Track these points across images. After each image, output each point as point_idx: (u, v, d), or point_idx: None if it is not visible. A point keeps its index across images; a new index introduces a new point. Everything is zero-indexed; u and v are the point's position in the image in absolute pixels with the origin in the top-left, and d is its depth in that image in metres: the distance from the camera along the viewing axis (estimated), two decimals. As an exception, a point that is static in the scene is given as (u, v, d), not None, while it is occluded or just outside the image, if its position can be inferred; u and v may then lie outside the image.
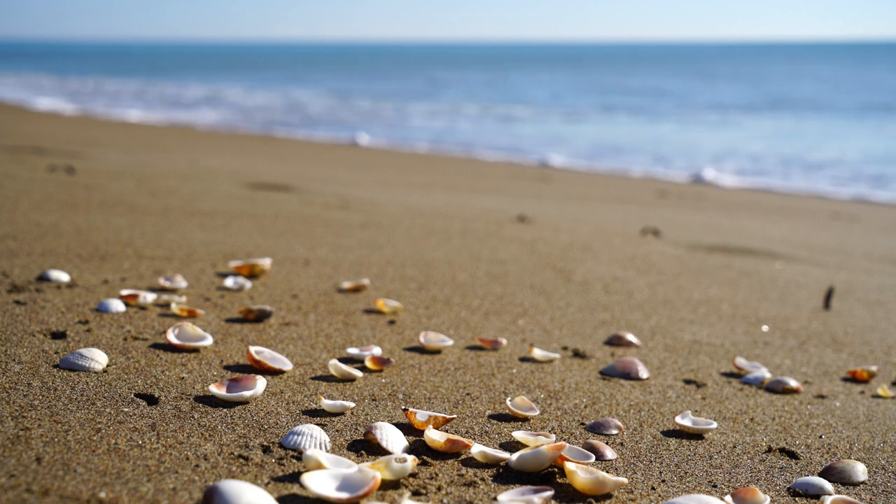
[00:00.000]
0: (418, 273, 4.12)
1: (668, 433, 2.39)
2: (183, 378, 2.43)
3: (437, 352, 2.95)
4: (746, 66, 65.17)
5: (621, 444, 2.28)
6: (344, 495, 1.75)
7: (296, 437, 2.04)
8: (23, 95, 26.83)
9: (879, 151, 17.08)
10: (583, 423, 2.40)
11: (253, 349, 2.58)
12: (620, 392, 2.70)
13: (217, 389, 2.29)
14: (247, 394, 2.28)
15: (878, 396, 2.90)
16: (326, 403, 2.29)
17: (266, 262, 3.78)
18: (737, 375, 2.99)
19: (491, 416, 2.39)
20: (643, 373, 2.87)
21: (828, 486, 2.07)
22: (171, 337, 2.67)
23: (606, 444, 2.24)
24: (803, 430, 2.50)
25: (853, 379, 3.08)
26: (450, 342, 3.00)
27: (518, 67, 64.35)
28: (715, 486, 2.06)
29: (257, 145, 13.66)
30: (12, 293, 3.12)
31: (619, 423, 2.38)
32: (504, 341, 3.07)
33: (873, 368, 3.09)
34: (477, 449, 2.06)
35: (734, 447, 2.33)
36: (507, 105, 28.44)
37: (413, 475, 1.94)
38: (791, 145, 17.89)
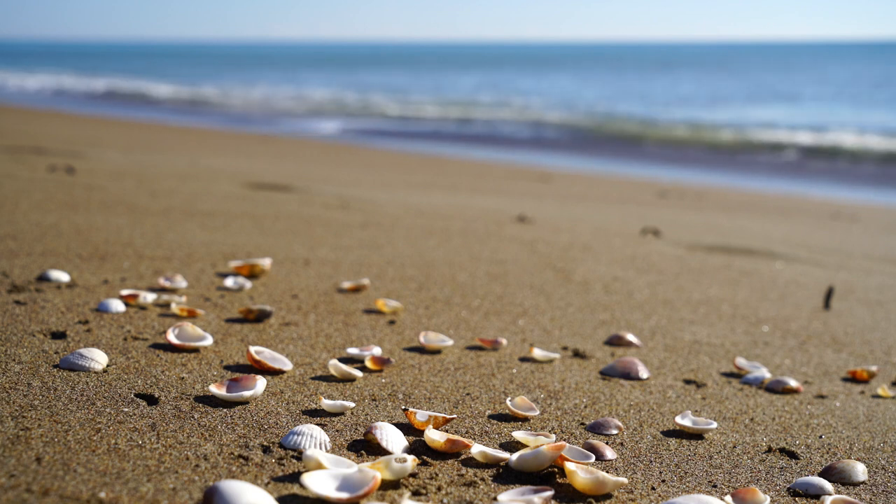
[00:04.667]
0: (418, 273, 4.12)
1: (668, 433, 2.39)
2: (183, 378, 2.43)
3: (437, 352, 2.95)
4: (764, 66, 64.00)
5: (621, 444, 2.28)
6: (344, 495, 1.75)
7: (296, 437, 2.04)
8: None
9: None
10: (583, 423, 2.40)
11: (253, 349, 2.58)
12: (620, 392, 2.70)
13: (217, 389, 2.29)
14: (247, 394, 2.28)
15: (878, 396, 2.90)
16: (326, 403, 2.29)
17: (266, 262, 3.78)
18: (737, 375, 2.99)
19: (491, 416, 2.39)
20: (643, 373, 2.87)
21: (828, 486, 2.07)
22: (171, 337, 2.67)
23: (606, 444, 2.24)
24: (803, 430, 2.50)
25: (853, 379, 3.08)
26: (450, 342, 3.00)
27: (520, 68, 64.18)
28: (715, 486, 2.07)
29: (257, 145, 13.66)
30: (12, 293, 3.12)
31: (619, 423, 2.38)
32: (504, 341, 3.07)
33: (873, 368, 3.09)
34: (477, 449, 2.06)
35: (734, 447, 2.33)
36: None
37: (413, 475, 1.94)
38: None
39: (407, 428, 2.22)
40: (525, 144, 18.64)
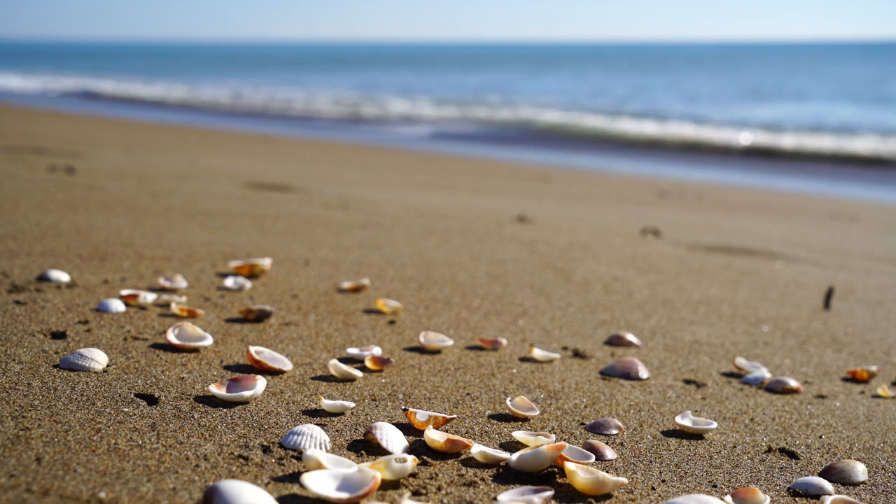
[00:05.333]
0: (418, 273, 4.12)
1: (668, 433, 2.39)
2: (183, 378, 2.43)
3: (437, 352, 2.95)
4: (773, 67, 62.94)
5: (621, 444, 2.28)
6: (344, 495, 1.75)
7: (296, 437, 2.04)
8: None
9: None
10: (583, 423, 2.40)
11: (253, 349, 2.58)
12: (620, 392, 2.70)
13: (217, 389, 2.29)
14: (247, 394, 2.28)
15: (878, 396, 2.90)
16: (326, 403, 2.29)
17: (266, 262, 3.78)
18: (737, 375, 2.99)
19: (491, 416, 2.39)
20: (643, 373, 2.87)
21: (828, 486, 2.07)
22: (171, 337, 2.67)
23: (606, 444, 2.24)
24: (803, 430, 2.50)
25: (853, 379, 3.08)
26: (450, 342, 3.00)
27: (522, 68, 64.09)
28: (715, 486, 2.07)
29: (257, 145, 13.66)
30: (12, 293, 3.12)
31: (619, 423, 2.39)
32: (504, 341, 3.07)
33: (873, 368, 3.09)
34: (477, 449, 2.06)
35: (734, 447, 2.33)
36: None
37: (413, 475, 1.94)
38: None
39: (407, 428, 2.22)
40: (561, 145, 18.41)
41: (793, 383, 2.86)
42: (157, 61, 71.95)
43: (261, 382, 2.34)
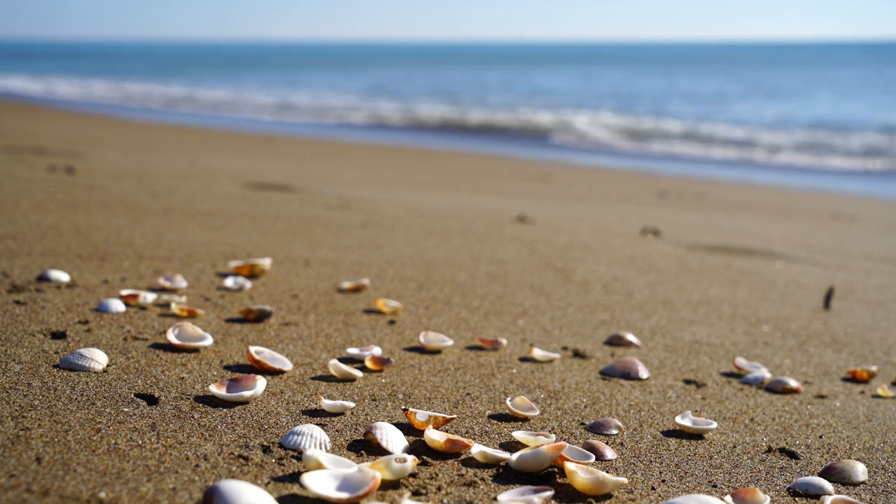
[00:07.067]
0: (418, 273, 4.12)
1: (668, 433, 2.39)
2: (183, 378, 2.43)
3: (437, 352, 2.95)
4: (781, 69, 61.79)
5: (621, 444, 2.28)
6: (344, 495, 1.75)
7: (296, 437, 2.04)
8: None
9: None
10: (583, 423, 2.40)
11: (253, 349, 2.58)
12: (620, 392, 2.70)
13: (217, 389, 2.29)
14: (247, 394, 2.28)
15: (878, 396, 2.90)
16: (326, 403, 2.29)
17: (266, 262, 3.78)
18: (737, 375, 2.99)
19: (491, 416, 2.39)
20: (643, 373, 2.87)
21: (828, 486, 2.07)
22: (171, 337, 2.67)
23: (606, 444, 2.24)
24: (803, 430, 2.50)
25: (853, 379, 3.08)
26: (450, 342, 3.00)
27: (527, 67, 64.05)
28: (715, 486, 2.07)
29: (257, 145, 13.66)
30: (12, 293, 3.12)
31: (619, 423, 2.39)
32: (504, 341, 3.07)
33: (873, 368, 3.09)
34: (477, 449, 2.06)
35: (734, 447, 2.33)
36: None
37: (413, 475, 1.94)
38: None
39: (407, 428, 2.22)
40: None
41: (793, 383, 2.86)
42: (169, 62, 71.39)
43: (261, 382, 2.34)
